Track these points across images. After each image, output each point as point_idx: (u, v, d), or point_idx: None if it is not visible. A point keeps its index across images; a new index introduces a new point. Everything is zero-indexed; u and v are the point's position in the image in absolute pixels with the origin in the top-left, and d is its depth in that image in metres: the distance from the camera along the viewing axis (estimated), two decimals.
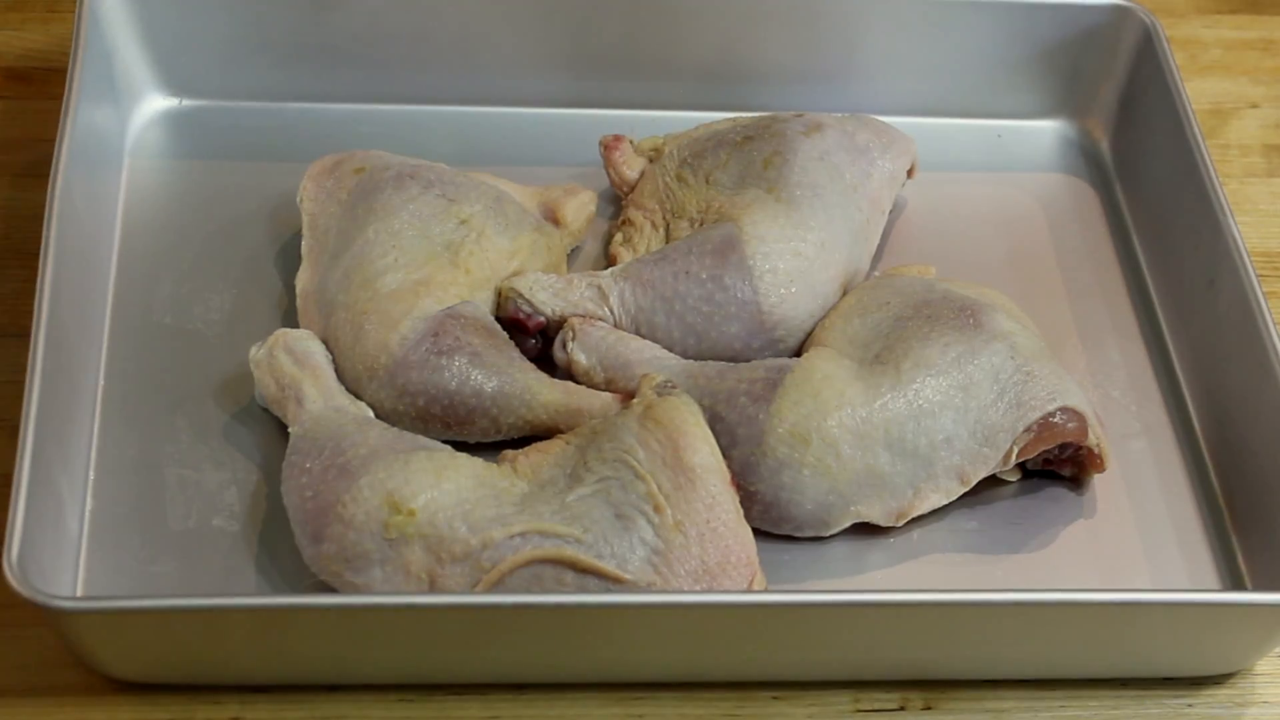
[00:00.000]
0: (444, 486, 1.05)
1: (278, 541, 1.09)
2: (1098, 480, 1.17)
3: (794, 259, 1.18)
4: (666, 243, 1.22)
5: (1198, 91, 1.41)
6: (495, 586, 1.03)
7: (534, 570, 1.03)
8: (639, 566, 1.03)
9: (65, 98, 1.19)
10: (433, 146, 1.30)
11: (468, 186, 1.21)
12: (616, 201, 1.29)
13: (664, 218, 1.24)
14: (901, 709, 1.07)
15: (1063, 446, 1.14)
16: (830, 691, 1.07)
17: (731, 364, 1.15)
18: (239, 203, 1.27)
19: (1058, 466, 1.16)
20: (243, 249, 1.25)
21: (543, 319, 1.18)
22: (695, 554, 1.04)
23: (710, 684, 1.07)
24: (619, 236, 1.25)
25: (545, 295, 1.18)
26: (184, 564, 1.08)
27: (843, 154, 1.24)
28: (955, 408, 1.12)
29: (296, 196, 1.22)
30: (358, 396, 1.13)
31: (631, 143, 1.29)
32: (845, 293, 1.21)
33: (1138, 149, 1.34)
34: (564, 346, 1.16)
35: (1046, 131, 1.39)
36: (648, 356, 1.15)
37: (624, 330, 1.17)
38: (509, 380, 1.13)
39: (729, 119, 1.29)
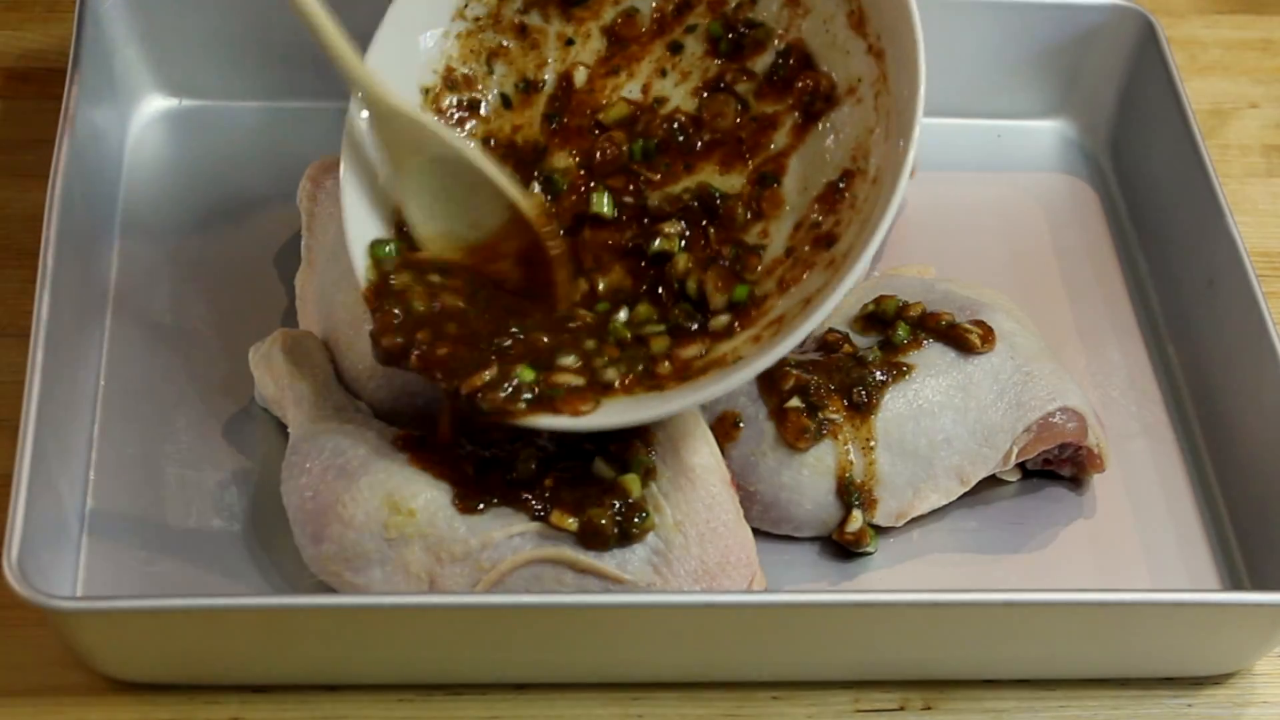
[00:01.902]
0: (444, 486, 1.05)
1: (278, 541, 1.09)
2: (1098, 480, 1.17)
3: None
4: None
5: (1198, 91, 1.41)
6: (495, 586, 1.03)
7: (534, 570, 1.03)
8: (639, 567, 1.03)
9: (65, 98, 1.19)
10: None
11: None
12: None
13: None
14: (901, 709, 1.07)
15: (1062, 446, 1.14)
16: (830, 691, 1.07)
17: None
18: (239, 202, 1.27)
19: (1058, 466, 1.16)
20: (243, 249, 1.25)
21: None
22: (695, 554, 1.04)
23: (710, 684, 1.07)
24: None
25: None
26: (184, 564, 1.08)
27: None
28: (955, 408, 1.12)
29: (296, 196, 1.22)
30: (358, 396, 1.13)
31: None
32: None
33: (1138, 149, 1.34)
34: None
35: (1046, 131, 1.39)
36: None
37: None
38: None
39: None
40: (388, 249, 1.08)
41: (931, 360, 1.13)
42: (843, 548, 1.12)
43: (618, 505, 1.03)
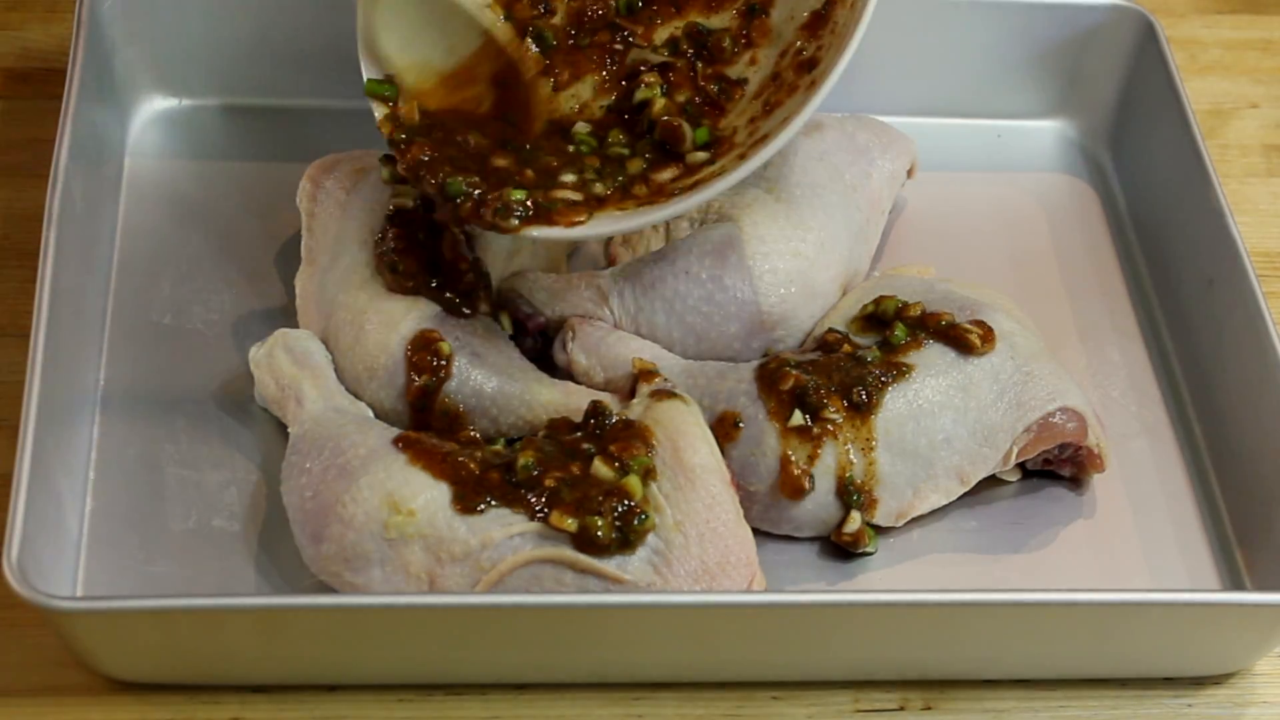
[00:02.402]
0: (443, 486, 1.05)
1: (278, 541, 1.09)
2: (1098, 480, 1.17)
3: (793, 259, 1.18)
4: (666, 243, 1.22)
5: (1198, 91, 1.41)
6: (495, 586, 1.03)
7: (534, 570, 1.03)
8: (639, 567, 1.03)
9: (65, 98, 1.19)
10: None
11: None
12: None
13: None
14: (901, 709, 1.07)
15: (1062, 446, 1.14)
16: (830, 691, 1.07)
17: (731, 364, 1.15)
18: (239, 202, 1.27)
19: (1058, 466, 1.16)
20: (243, 249, 1.25)
21: (543, 319, 1.18)
22: (695, 554, 1.04)
23: (710, 684, 1.07)
24: (619, 236, 1.25)
25: (545, 295, 1.18)
26: (184, 564, 1.08)
27: (842, 154, 1.25)
28: (955, 408, 1.12)
29: (296, 196, 1.22)
30: (358, 396, 1.13)
31: None
32: (845, 293, 1.21)
33: (1138, 149, 1.34)
34: (564, 346, 1.16)
35: (1046, 131, 1.39)
36: (648, 357, 1.15)
37: (624, 330, 1.17)
38: (509, 380, 1.13)
39: None
40: (388, 88, 1.16)
41: (931, 360, 1.13)
42: (842, 548, 1.12)
43: (618, 507, 1.03)
